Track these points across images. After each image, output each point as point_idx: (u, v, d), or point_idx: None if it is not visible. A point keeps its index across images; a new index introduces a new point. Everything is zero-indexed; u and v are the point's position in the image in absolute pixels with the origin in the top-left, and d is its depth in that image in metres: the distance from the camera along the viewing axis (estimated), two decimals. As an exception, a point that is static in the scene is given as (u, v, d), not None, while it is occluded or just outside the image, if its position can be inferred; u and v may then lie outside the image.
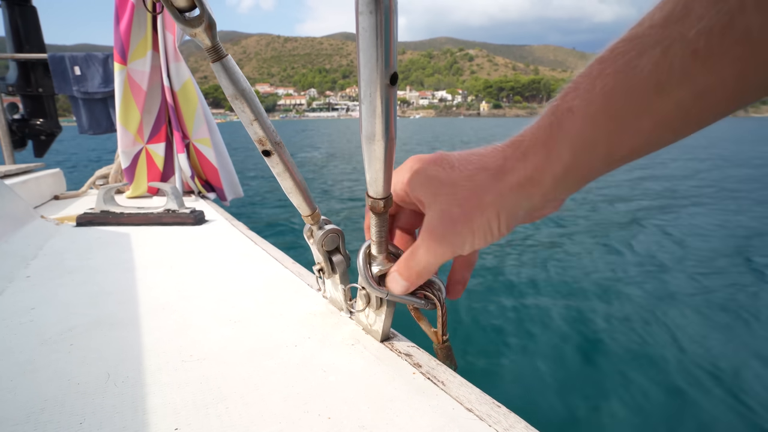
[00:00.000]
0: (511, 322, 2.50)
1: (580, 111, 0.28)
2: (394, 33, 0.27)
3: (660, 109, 0.25)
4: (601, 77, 0.27)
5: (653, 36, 0.24)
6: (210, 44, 0.37)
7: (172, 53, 1.66)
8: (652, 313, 2.56)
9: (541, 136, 0.31)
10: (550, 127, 0.30)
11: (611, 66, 0.26)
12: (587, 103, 0.28)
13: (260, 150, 0.43)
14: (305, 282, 0.74)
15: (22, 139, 2.29)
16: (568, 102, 0.29)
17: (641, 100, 0.25)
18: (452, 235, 0.36)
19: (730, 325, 2.41)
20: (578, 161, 0.29)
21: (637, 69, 0.25)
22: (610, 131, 0.27)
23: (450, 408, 0.39)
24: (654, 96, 0.25)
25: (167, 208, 1.28)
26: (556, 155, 0.30)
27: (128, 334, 0.55)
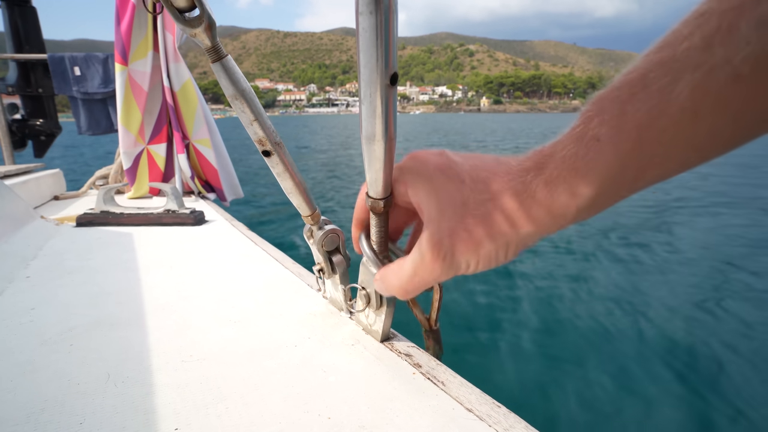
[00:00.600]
0: (512, 321, 2.50)
1: (609, 141, 0.26)
2: (394, 33, 0.27)
3: (693, 135, 0.24)
4: (632, 102, 0.25)
5: (692, 59, 0.22)
6: (210, 44, 0.37)
7: (172, 54, 1.66)
8: (658, 315, 2.56)
9: (565, 166, 0.29)
10: (575, 158, 0.28)
11: (643, 91, 0.24)
12: (616, 132, 0.26)
13: (260, 150, 0.43)
14: (305, 282, 0.74)
15: (22, 140, 2.29)
16: (593, 129, 0.27)
17: (676, 128, 0.24)
18: (458, 256, 0.33)
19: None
20: (604, 193, 0.28)
21: (672, 95, 0.23)
22: (639, 161, 0.26)
23: (450, 408, 0.39)
24: (690, 123, 0.23)
25: (167, 209, 1.28)
26: (581, 190, 0.28)
27: (128, 334, 0.55)
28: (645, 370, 2.00)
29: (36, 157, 2.36)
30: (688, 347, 2.19)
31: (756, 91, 0.21)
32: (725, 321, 2.44)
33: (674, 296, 2.80)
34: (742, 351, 2.13)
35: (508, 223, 0.31)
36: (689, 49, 0.23)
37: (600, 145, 0.26)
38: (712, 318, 2.49)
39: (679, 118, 0.23)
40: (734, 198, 5.83)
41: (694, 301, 2.72)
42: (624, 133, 0.25)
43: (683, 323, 2.43)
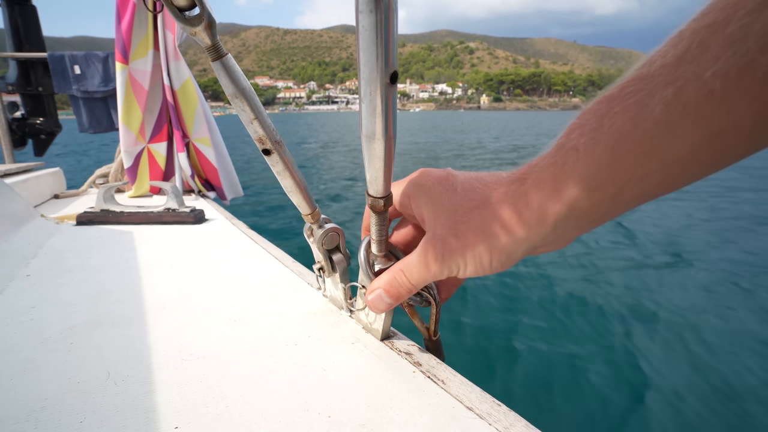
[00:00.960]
0: (512, 321, 2.50)
1: (585, 151, 0.27)
2: (394, 31, 0.27)
3: (671, 151, 0.24)
4: (609, 116, 0.26)
5: (665, 75, 0.23)
6: (210, 43, 0.37)
7: (172, 52, 1.66)
8: (658, 315, 2.56)
9: (544, 175, 0.30)
10: (554, 166, 0.29)
11: (620, 105, 0.25)
12: (593, 143, 0.27)
13: (260, 149, 0.43)
14: (305, 281, 0.74)
15: (22, 138, 2.29)
16: (573, 140, 0.28)
17: (651, 142, 0.24)
18: (448, 259, 0.36)
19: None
20: (582, 203, 0.28)
21: (647, 108, 0.24)
22: (616, 173, 0.26)
23: (450, 406, 0.40)
24: (665, 138, 0.24)
25: (167, 207, 1.28)
26: (557, 197, 0.29)
27: (128, 332, 0.55)
28: (647, 367, 2.01)
29: (36, 155, 2.36)
30: (694, 343, 2.19)
31: (730, 107, 0.22)
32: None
33: (680, 295, 2.80)
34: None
35: (488, 230, 0.33)
36: (663, 66, 0.24)
37: (577, 155, 0.27)
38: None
39: (653, 132, 0.24)
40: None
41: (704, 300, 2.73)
42: (600, 144, 0.26)
43: (686, 321, 2.44)
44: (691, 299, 2.73)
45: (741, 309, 2.57)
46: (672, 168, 0.25)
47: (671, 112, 0.23)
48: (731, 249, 3.73)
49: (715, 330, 2.33)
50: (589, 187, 0.27)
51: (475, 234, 0.34)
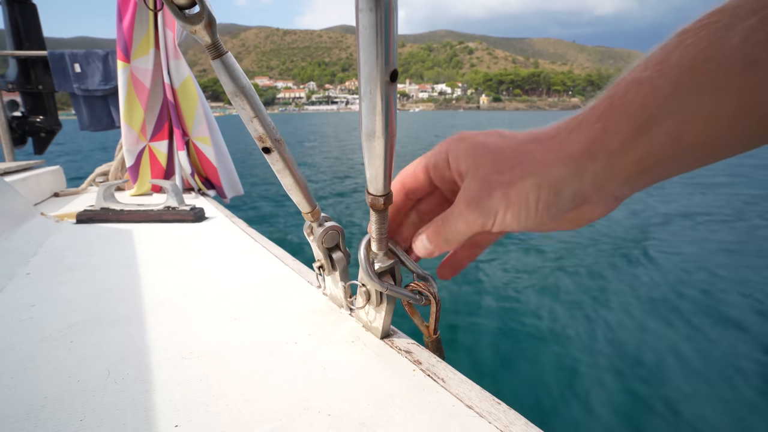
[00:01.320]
0: (512, 321, 2.50)
1: (648, 82, 0.24)
2: (394, 30, 0.27)
3: (745, 88, 0.21)
4: (680, 48, 0.23)
5: (749, 5, 0.21)
6: (210, 41, 0.36)
7: (172, 51, 1.65)
8: (656, 314, 2.56)
9: (599, 107, 0.27)
10: (612, 98, 0.27)
11: (692, 36, 0.23)
12: (658, 75, 0.24)
13: (260, 147, 0.43)
14: (305, 279, 0.74)
15: (22, 137, 2.29)
16: (635, 74, 0.26)
17: (722, 75, 0.22)
18: (487, 200, 0.33)
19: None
20: (639, 138, 0.25)
21: (723, 40, 0.21)
22: (678, 106, 0.23)
23: (450, 405, 0.40)
24: (740, 72, 0.21)
25: (167, 205, 1.28)
26: (613, 128, 0.26)
27: (128, 331, 0.55)
28: (647, 370, 2.01)
29: (36, 153, 2.36)
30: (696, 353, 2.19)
31: None
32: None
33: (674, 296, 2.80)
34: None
35: (537, 160, 0.30)
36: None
37: (639, 87, 0.25)
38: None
39: (728, 65, 0.21)
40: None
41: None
42: (666, 77, 0.24)
43: (684, 324, 2.44)
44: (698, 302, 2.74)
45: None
46: (744, 110, 0.22)
47: (750, 44, 0.20)
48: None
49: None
50: (648, 119, 0.25)
51: (522, 166, 0.31)
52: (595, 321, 2.46)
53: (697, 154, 0.25)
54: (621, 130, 0.26)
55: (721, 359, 2.05)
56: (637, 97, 0.25)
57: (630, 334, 2.30)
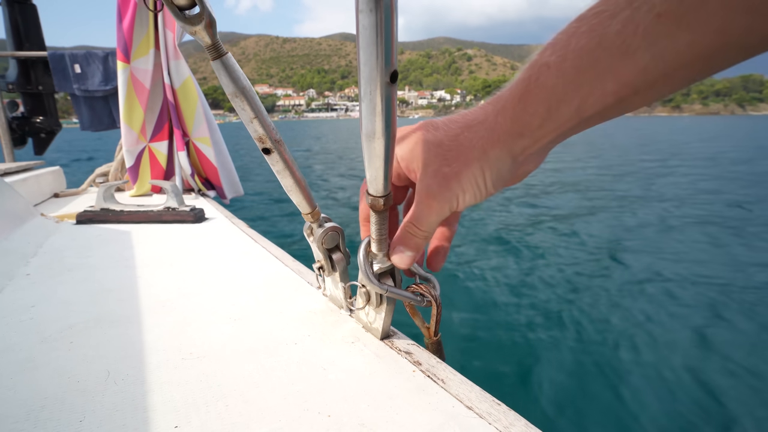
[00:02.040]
0: (512, 321, 2.50)
1: (555, 66, 0.29)
2: (394, 31, 0.27)
3: (624, 70, 0.26)
4: (576, 35, 0.28)
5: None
6: (210, 42, 0.36)
7: (172, 51, 1.65)
8: (654, 312, 2.56)
9: (518, 90, 0.32)
10: (527, 81, 0.31)
11: (586, 24, 0.27)
12: (561, 59, 0.29)
13: (260, 148, 0.43)
14: (305, 280, 0.74)
15: (22, 137, 2.29)
16: (545, 57, 0.30)
17: (607, 60, 0.26)
18: (446, 191, 0.37)
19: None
20: (552, 115, 0.30)
21: (607, 29, 0.26)
22: (579, 87, 0.28)
23: (450, 406, 0.39)
24: (619, 57, 0.26)
25: (167, 206, 1.28)
26: (531, 108, 0.31)
27: (128, 331, 0.55)
28: (647, 368, 2.01)
29: (36, 154, 2.36)
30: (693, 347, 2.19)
31: (675, 30, 0.23)
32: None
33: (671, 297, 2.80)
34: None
35: (476, 148, 0.35)
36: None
37: (549, 70, 0.30)
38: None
39: (610, 51, 0.26)
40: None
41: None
42: (567, 61, 0.28)
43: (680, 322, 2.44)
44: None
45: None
46: (626, 87, 0.27)
47: (626, 33, 0.25)
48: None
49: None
50: (558, 99, 0.30)
51: (465, 156, 0.36)
52: (596, 321, 2.46)
53: (593, 121, 0.31)
54: (538, 110, 0.31)
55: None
56: (548, 80, 0.30)
57: (629, 334, 2.30)
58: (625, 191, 6.90)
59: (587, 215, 5.23)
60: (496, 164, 0.35)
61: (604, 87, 0.27)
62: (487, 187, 0.36)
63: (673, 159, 11.93)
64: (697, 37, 0.23)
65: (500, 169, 0.35)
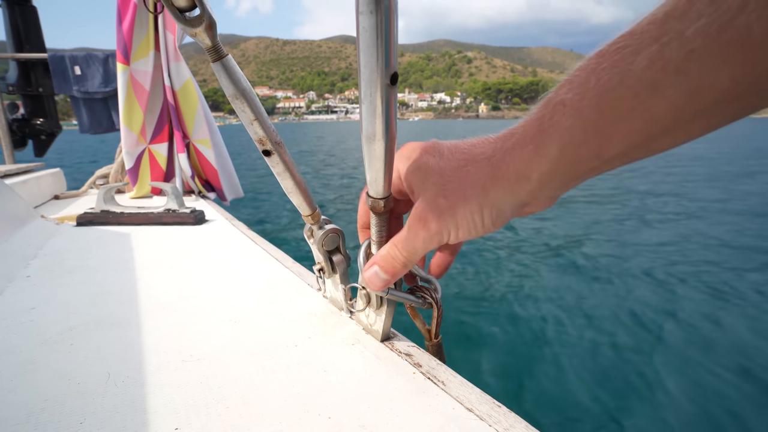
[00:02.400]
0: (513, 321, 2.50)
1: (572, 105, 0.27)
2: (394, 33, 0.27)
3: (652, 108, 0.24)
4: (596, 72, 0.26)
5: (652, 32, 0.23)
6: (210, 44, 0.37)
7: (173, 53, 1.66)
8: (654, 312, 2.56)
9: (531, 129, 0.30)
10: (541, 120, 0.29)
11: (607, 60, 0.25)
12: (579, 98, 0.27)
13: (260, 150, 0.43)
14: (305, 282, 0.74)
15: (22, 139, 2.29)
16: (561, 95, 0.28)
17: (633, 98, 0.24)
18: (438, 223, 0.35)
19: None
20: (566, 158, 0.28)
21: (632, 65, 0.24)
22: (599, 128, 0.26)
23: (450, 408, 0.39)
24: (647, 95, 0.24)
25: (167, 208, 1.28)
26: (544, 151, 0.29)
27: (128, 333, 0.55)
28: (648, 368, 2.01)
29: (36, 156, 2.36)
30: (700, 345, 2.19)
31: (708, 67, 0.22)
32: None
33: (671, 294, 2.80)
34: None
35: (477, 185, 0.33)
36: (651, 22, 0.23)
37: (565, 109, 0.27)
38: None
39: (636, 89, 0.24)
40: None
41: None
42: (586, 99, 0.26)
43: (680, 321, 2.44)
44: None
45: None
46: (653, 126, 0.25)
47: (654, 69, 0.23)
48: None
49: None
50: (575, 142, 0.27)
51: (464, 191, 0.34)
52: (596, 321, 2.46)
53: (615, 163, 0.28)
54: (550, 152, 0.29)
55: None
56: (563, 119, 0.27)
57: (629, 333, 2.30)
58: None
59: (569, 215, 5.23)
60: (496, 204, 0.33)
61: (628, 128, 0.25)
62: (485, 225, 0.34)
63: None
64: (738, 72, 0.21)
65: (501, 209, 0.33)
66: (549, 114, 0.28)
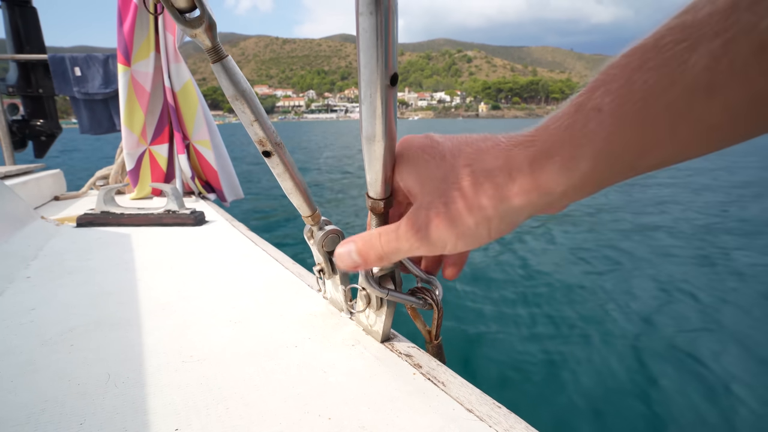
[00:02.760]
0: (513, 321, 2.50)
1: (612, 111, 0.23)
2: (394, 34, 0.27)
3: (706, 113, 0.21)
4: (642, 71, 0.22)
5: (713, 25, 0.20)
6: (210, 45, 0.37)
7: (173, 54, 1.66)
8: (654, 312, 2.56)
9: (557, 138, 0.26)
10: (571, 128, 0.25)
11: (656, 58, 0.22)
12: (621, 102, 0.23)
13: (260, 151, 0.43)
14: (305, 283, 0.74)
15: (22, 140, 2.29)
16: (596, 99, 0.24)
17: (686, 104, 0.21)
18: (435, 232, 0.32)
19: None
20: (599, 170, 0.25)
21: (687, 64, 0.20)
22: (643, 137, 0.23)
23: (450, 409, 0.39)
24: (702, 98, 0.21)
25: (167, 209, 1.28)
26: (573, 164, 0.25)
27: (128, 334, 0.55)
28: (647, 367, 2.00)
29: (36, 157, 2.36)
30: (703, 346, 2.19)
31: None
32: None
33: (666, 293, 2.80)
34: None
35: (486, 196, 0.29)
36: (711, 14, 0.20)
37: (601, 116, 0.24)
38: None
39: (691, 91, 0.21)
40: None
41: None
42: (629, 104, 0.23)
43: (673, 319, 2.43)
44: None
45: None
46: (702, 132, 0.22)
47: (715, 69, 0.20)
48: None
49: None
50: (611, 154, 0.24)
51: (470, 201, 0.30)
52: (597, 321, 2.46)
53: (647, 171, 0.25)
54: (582, 165, 0.25)
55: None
56: (600, 129, 0.24)
57: (628, 334, 2.30)
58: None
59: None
60: (509, 215, 0.29)
61: (676, 136, 0.22)
62: (491, 236, 0.31)
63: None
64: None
65: (512, 222, 0.30)
66: (581, 121, 0.25)
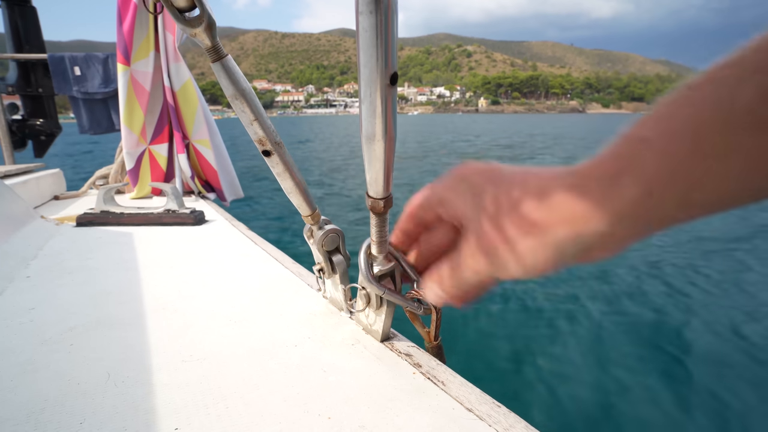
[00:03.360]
0: (513, 321, 2.50)
1: (657, 141, 0.24)
2: (393, 33, 0.27)
3: (755, 148, 0.20)
4: (688, 105, 0.23)
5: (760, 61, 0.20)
6: (210, 44, 0.37)
7: (172, 53, 1.66)
8: (652, 310, 2.56)
9: (605, 167, 0.26)
10: (618, 158, 0.26)
11: (702, 92, 0.22)
12: (668, 133, 0.23)
13: (260, 150, 0.43)
14: (305, 282, 0.74)
15: (22, 140, 2.29)
16: (644, 131, 0.25)
17: (733, 136, 0.21)
18: (493, 256, 0.32)
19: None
20: (645, 201, 0.25)
21: (734, 98, 0.20)
22: (690, 170, 0.23)
23: (450, 408, 0.39)
24: (751, 133, 0.20)
25: (167, 209, 1.28)
26: (617, 192, 0.25)
27: (128, 334, 0.55)
28: (647, 367, 2.01)
29: (36, 156, 2.36)
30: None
31: None
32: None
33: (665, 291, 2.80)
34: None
35: (542, 221, 0.29)
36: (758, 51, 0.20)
37: (648, 146, 0.24)
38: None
39: (738, 126, 0.21)
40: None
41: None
42: (676, 135, 0.23)
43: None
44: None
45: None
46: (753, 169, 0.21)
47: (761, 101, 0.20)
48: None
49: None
50: (659, 185, 0.24)
51: (524, 226, 0.30)
52: (597, 322, 2.46)
53: (705, 211, 0.25)
54: (626, 194, 0.25)
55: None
56: (646, 158, 0.24)
57: (630, 334, 2.30)
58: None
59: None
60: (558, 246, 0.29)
61: (726, 168, 0.22)
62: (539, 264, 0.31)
63: None
64: None
65: (562, 251, 0.30)
66: (629, 152, 0.25)
